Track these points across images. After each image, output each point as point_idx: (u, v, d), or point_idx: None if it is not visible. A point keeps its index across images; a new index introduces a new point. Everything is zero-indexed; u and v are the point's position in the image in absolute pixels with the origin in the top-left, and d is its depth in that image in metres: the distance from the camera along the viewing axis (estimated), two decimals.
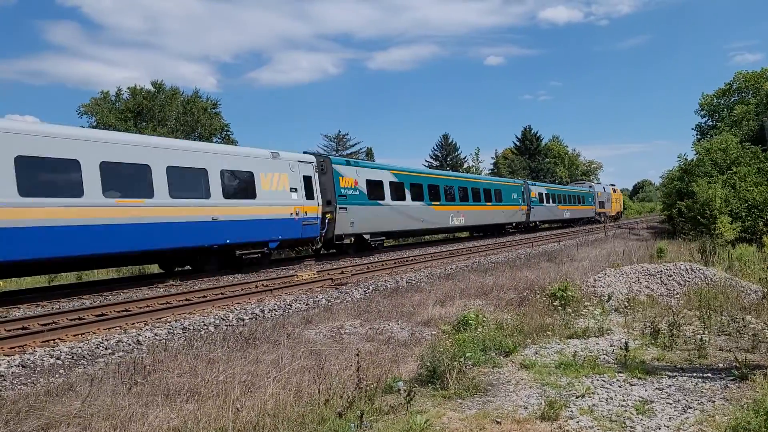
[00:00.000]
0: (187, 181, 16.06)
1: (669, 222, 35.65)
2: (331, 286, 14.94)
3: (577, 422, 4.92)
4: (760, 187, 28.22)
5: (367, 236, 23.79)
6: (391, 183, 25.65)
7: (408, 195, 26.85)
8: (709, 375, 6.27)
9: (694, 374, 6.31)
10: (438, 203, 29.41)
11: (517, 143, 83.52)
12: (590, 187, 63.60)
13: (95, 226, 13.38)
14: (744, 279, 12.31)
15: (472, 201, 33.13)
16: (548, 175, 77.13)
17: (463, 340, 6.71)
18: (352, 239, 23.38)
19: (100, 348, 8.64)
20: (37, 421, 5.02)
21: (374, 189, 24.36)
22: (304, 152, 21.38)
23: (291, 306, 12.03)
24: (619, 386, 5.92)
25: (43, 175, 12.87)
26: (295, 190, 19.38)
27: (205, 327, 10.08)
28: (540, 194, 44.51)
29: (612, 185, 71.70)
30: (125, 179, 14.49)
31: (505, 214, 37.74)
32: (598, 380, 6.12)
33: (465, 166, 72.57)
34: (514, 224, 40.19)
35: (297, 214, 19.29)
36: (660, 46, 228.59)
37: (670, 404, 5.37)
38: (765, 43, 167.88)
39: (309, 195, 19.94)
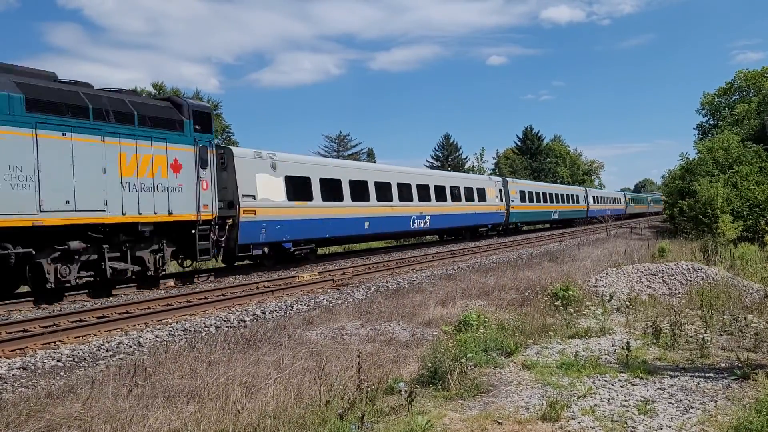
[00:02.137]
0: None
1: (671, 221, 35.58)
2: (332, 287, 14.93)
3: (579, 423, 4.91)
4: (761, 186, 28.17)
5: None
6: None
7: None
8: (711, 375, 6.25)
9: (696, 374, 6.29)
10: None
11: (519, 143, 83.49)
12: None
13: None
14: (746, 278, 12.28)
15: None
16: (549, 174, 77.06)
17: (464, 341, 6.70)
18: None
19: (101, 350, 8.64)
20: (38, 424, 5.01)
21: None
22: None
23: (292, 307, 12.02)
24: (621, 386, 5.90)
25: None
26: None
27: (206, 328, 10.08)
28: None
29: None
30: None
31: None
32: (599, 380, 6.10)
33: (467, 166, 72.55)
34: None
35: None
36: (662, 46, 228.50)
37: (672, 404, 5.35)
38: (767, 42, 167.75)
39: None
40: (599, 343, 7.74)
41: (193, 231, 15.56)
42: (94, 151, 13.21)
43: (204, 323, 10.45)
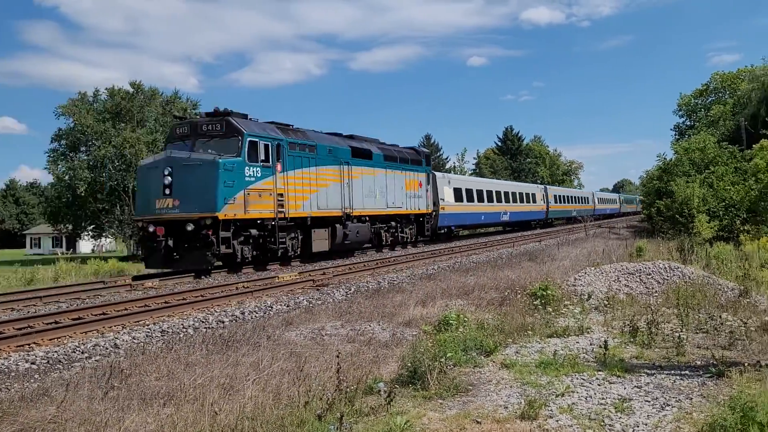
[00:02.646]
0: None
1: (648, 221, 36.04)
2: (312, 288, 14.87)
3: (557, 421, 4.93)
4: (737, 186, 28.61)
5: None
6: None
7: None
8: (687, 372, 6.33)
9: (673, 372, 6.36)
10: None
11: (499, 143, 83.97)
12: None
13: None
14: (721, 277, 12.47)
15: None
16: (530, 175, 77.60)
17: (444, 340, 6.70)
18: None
19: (77, 352, 8.50)
20: (11, 427, 4.91)
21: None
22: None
23: (272, 308, 11.93)
24: (599, 384, 5.95)
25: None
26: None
27: (184, 329, 9.96)
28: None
29: None
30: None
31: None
32: (577, 379, 6.14)
33: (447, 166, 72.72)
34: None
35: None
36: (640, 47, 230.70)
37: (649, 402, 5.41)
38: (742, 44, 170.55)
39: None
40: (577, 342, 7.80)
41: (421, 219, 29.35)
42: (398, 178, 26.83)
43: (182, 324, 10.32)
